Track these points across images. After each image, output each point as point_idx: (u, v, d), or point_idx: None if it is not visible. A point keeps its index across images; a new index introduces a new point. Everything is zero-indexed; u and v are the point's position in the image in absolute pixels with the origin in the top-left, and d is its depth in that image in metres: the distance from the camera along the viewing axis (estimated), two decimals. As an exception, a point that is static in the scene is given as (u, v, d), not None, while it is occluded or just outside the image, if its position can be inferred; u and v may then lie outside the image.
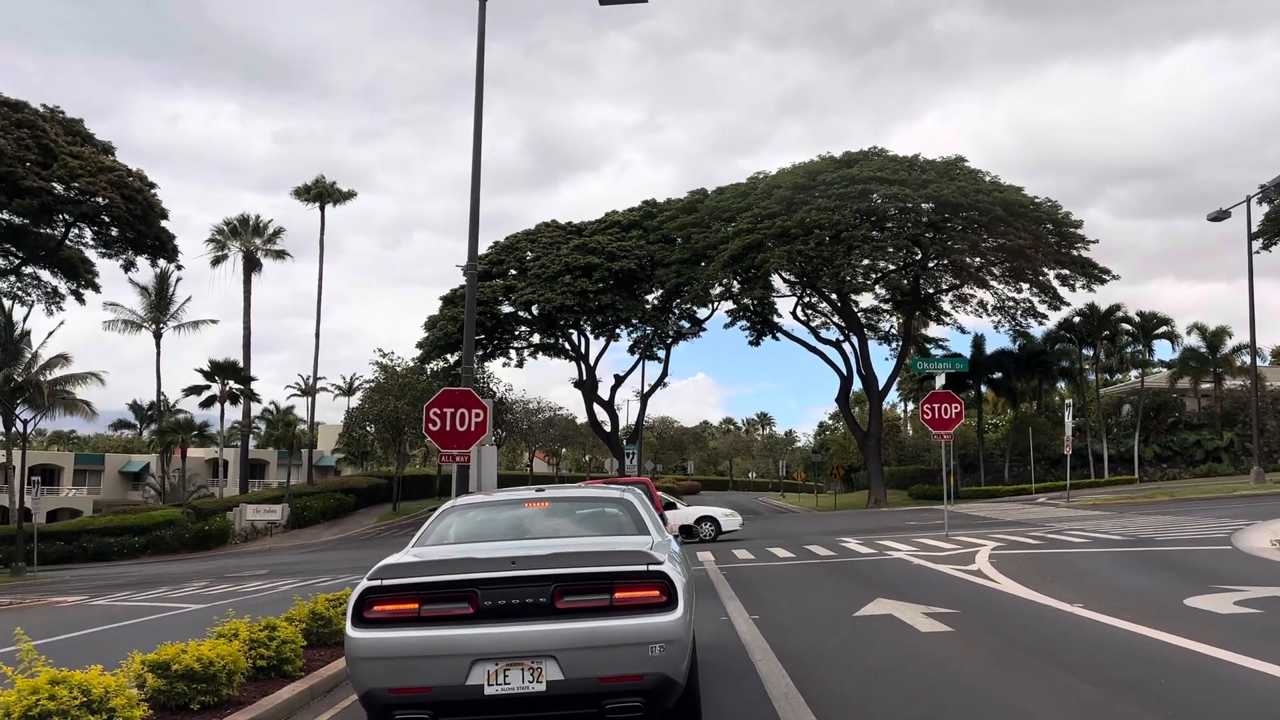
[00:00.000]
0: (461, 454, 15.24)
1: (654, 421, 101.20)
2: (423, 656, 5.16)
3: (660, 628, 5.22)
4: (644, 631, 5.19)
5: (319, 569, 29.06)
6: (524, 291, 53.28)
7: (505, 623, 5.18)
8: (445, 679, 5.15)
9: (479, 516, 7.12)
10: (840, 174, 49.28)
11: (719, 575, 16.53)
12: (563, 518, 7.10)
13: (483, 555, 5.69)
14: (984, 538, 21.67)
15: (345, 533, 50.65)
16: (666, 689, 5.29)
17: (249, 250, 58.66)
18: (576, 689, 5.16)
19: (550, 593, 5.22)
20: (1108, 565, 15.51)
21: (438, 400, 15.21)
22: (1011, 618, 10.56)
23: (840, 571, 16.75)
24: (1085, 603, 11.01)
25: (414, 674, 5.16)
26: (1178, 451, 51.70)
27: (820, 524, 35.14)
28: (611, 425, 63.14)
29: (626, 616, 5.22)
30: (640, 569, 5.39)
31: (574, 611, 5.21)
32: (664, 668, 5.21)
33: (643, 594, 5.30)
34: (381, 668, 5.19)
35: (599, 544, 6.14)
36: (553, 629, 5.17)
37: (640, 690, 5.21)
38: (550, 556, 5.57)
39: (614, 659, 5.16)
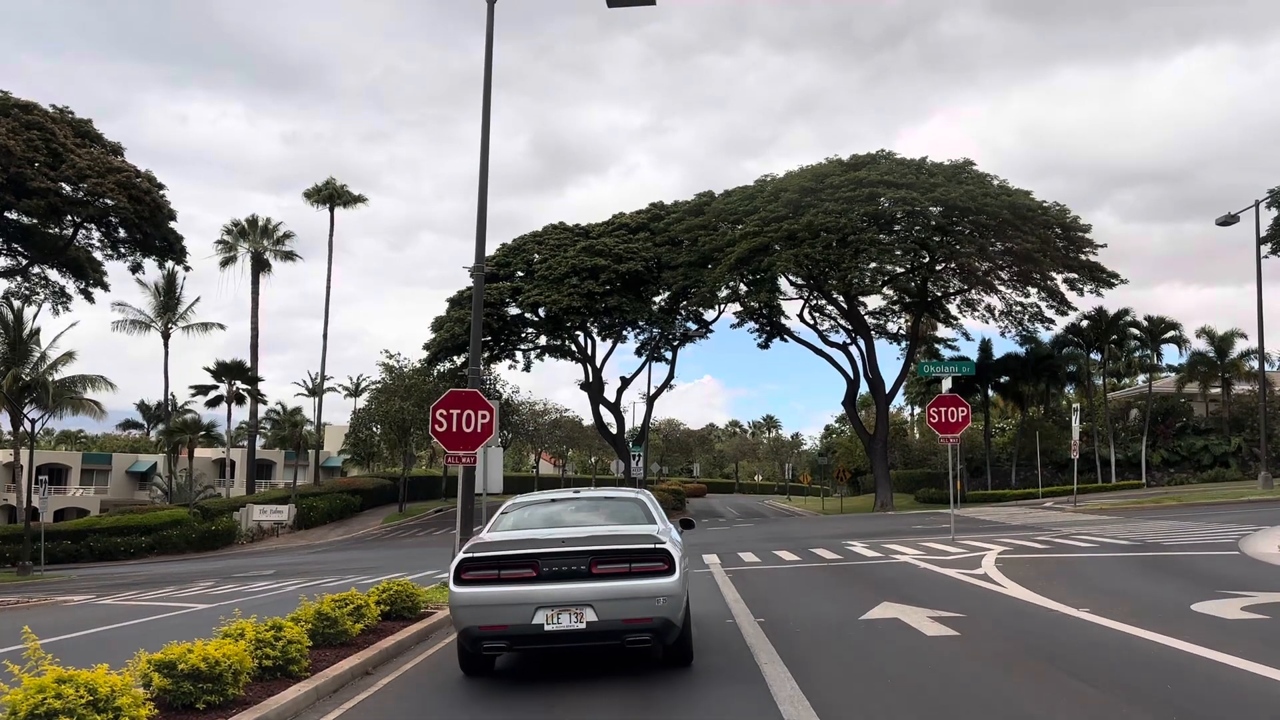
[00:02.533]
0: (468, 455, 15.26)
1: (660, 423, 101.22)
2: (501, 605, 7.58)
3: (663, 586, 7.60)
4: (652, 589, 7.56)
5: (325, 570, 29.11)
6: (530, 293, 53.33)
7: (557, 582, 7.57)
8: (516, 620, 7.56)
9: (535, 510, 9.68)
10: (848, 177, 49.22)
11: (724, 578, 16.51)
12: (594, 511, 9.56)
13: (541, 537, 8.18)
14: (991, 542, 21.61)
15: (351, 534, 50.70)
16: (668, 629, 7.74)
17: (258, 251, 58.84)
18: (606, 628, 7.57)
19: (588, 562, 7.61)
20: (1114, 570, 15.46)
21: (444, 401, 15.22)
22: (1018, 622, 10.53)
23: (846, 575, 16.72)
24: (1092, 608, 10.98)
25: (495, 616, 7.61)
26: (1185, 456, 51.50)
27: (826, 527, 35.09)
28: (618, 427, 63.16)
29: (640, 579, 7.58)
30: (649, 547, 7.75)
31: (605, 575, 7.57)
32: (666, 613, 7.63)
33: (651, 564, 7.65)
34: (474, 612, 7.65)
35: (621, 530, 8.50)
36: (590, 587, 7.55)
37: (650, 629, 7.64)
38: (588, 538, 8.00)
39: (632, 607, 7.55)
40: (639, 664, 8.66)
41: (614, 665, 8.68)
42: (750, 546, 24.91)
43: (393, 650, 9.85)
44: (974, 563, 17.11)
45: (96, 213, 39.84)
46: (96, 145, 40.23)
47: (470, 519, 16.73)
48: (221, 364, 55.53)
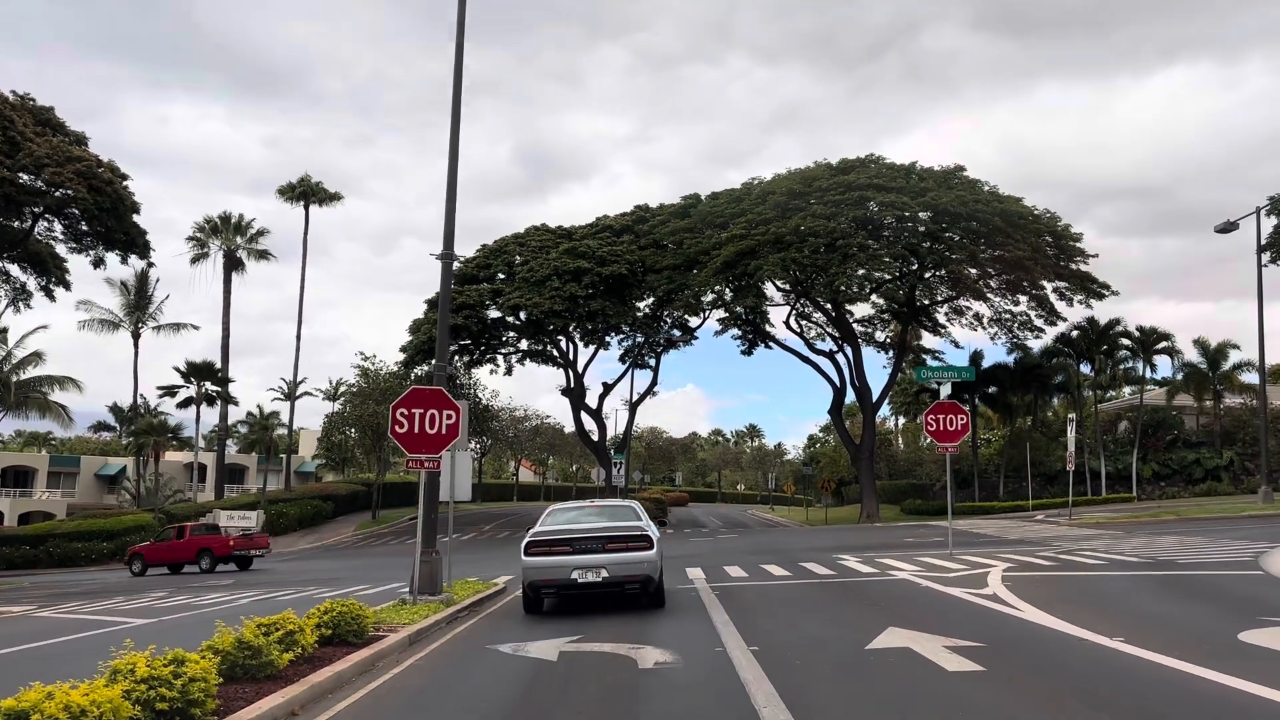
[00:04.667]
0: (431, 459, 13.90)
1: (642, 431, 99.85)
2: (551, 568, 13.21)
3: (647, 555, 13.28)
4: (641, 557, 13.21)
5: (287, 580, 27.60)
6: (511, 295, 51.91)
7: (585, 555, 13.14)
8: (560, 577, 13.18)
9: (569, 513, 15.31)
10: (836, 180, 48.14)
11: (711, 596, 15.19)
12: (604, 514, 14.89)
13: (574, 529, 13.72)
14: (991, 557, 20.39)
15: (322, 541, 49.07)
16: (649, 581, 13.42)
17: (230, 249, 57.16)
18: (614, 579, 13.15)
19: (603, 543, 13.26)
20: (1133, 590, 14.24)
21: (405, 400, 13.87)
22: (1048, 653, 9.26)
23: (843, 593, 15.43)
24: (1126, 636, 9.73)
25: (548, 574, 13.25)
26: (1176, 470, 50.60)
27: (813, 539, 33.83)
28: (599, 434, 61.75)
29: (634, 551, 13.21)
30: (639, 534, 13.49)
31: (613, 549, 13.18)
32: (649, 571, 13.32)
33: (640, 543, 13.35)
34: (536, 572, 13.32)
35: (622, 523, 13.89)
36: (604, 557, 13.14)
37: (639, 580, 13.32)
38: (602, 528, 13.64)
39: (629, 568, 13.14)
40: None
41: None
42: (736, 559, 23.60)
43: (328, 685, 8.46)
44: (979, 581, 15.87)
45: (55, 203, 38.12)
46: (59, 134, 38.57)
47: (433, 529, 15.36)
48: (191, 364, 53.79)
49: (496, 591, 17.64)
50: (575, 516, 14.97)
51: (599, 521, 14.27)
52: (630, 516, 14.53)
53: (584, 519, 14.67)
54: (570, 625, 12.55)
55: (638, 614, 13.28)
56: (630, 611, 13.55)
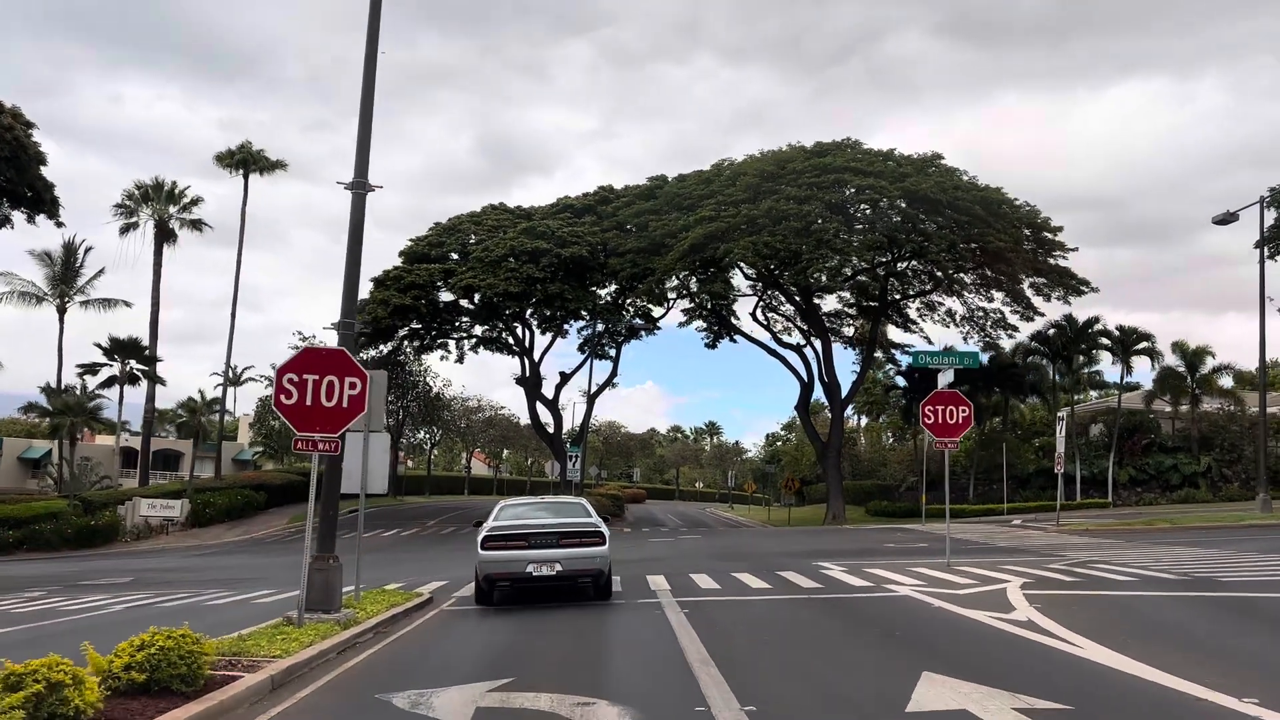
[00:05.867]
0: (327, 440, 10.84)
1: (600, 425, 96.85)
2: (507, 561, 13.76)
3: (600, 551, 13.99)
4: (594, 553, 13.92)
5: (192, 579, 24.33)
6: (464, 276, 48.63)
7: (540, 549, 13.72)
8: (516, 570, 13.76)
9: (520, 509, 15.71)
10: (812, 163, 45.55)
11: (679, 617, 12.32)
12: (555, 510, 15.67)
13: (530, 524, 14.34)
14: (995, 569, 17.79)
15: (250, 534, 45.48)
16: (600, 575, 14.18)
17: (162, 218, 53.12)
18: (568, 574, 13.83)
19: (558, 538, 13.90)
20: (1197, 617, 11.64)
21: (295, 362, 10.82)
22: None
23: (842, 615, 12.67)
24: (1260, 698, 7.03)
25: (504, 567, 13.82)
26: (1153, 475, 48.75)
27: (783, 542, 31.16)
28: (555, 426, 58.66)
29: (587, 546, 13.91)
30: (593, 530, 14.24)
31: (567, 544, 13.83)
32: (601, 566, 14.08)
33: (593, 539, 14.06)
34: (492, 566, 13.86)
35: (576, 519, 14.67)
36: (559, 552, 13.74)
37: (591, 575, 14.07)
38: (557, 524, 14.33)
39: (582, 562, 13.82)
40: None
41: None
42: (703, 565, 20.79)
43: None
44: (999, 600, 13.21)
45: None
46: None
47: (332, 529, 12.31)
48: (115, 340, 49.82)
49: (420, 604, 14.65)
50: (526, 512, 15.38)
51: (553, 517, 14.83)
52: (582, 513, 15.12)
53: (536, 514, 15.13)
54: (501, 657, 9.70)
55: (589, 644, 10.82)
56: (580, 639, 11.20)
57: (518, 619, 13.15)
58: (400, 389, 62.88)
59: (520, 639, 11.34)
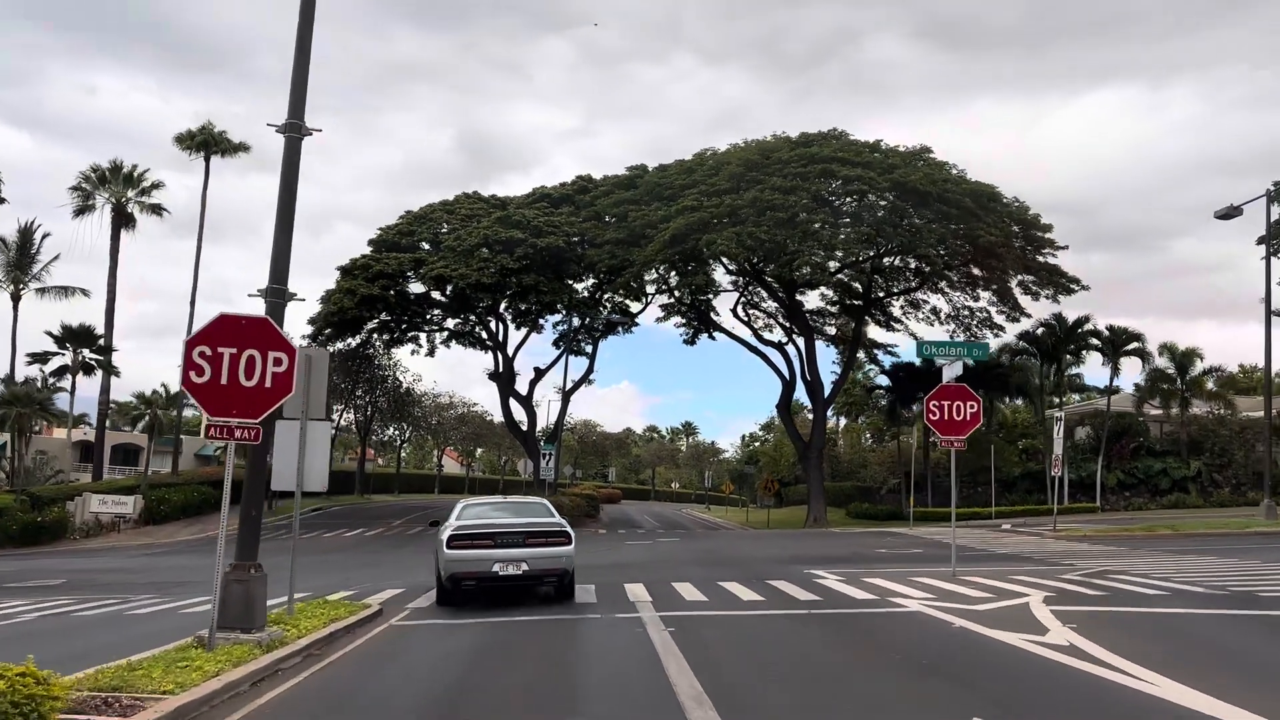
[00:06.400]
0: (245, 427, 9.05)
1: (575, 424, 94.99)
2: (473, 560, 13.61)
3: (566, 550, 13.94)
4: (560, 552, 13.86)
5: (129, 582, 22.38)
6: (435, 265, 46.67)
7: (506, 549, 13.64)
8: (482, 570, 13.59)
9: (482, 508, 15.71)
10: (798, 153, 44.01)
11: (664, 637, 10.61)
12: (518, 509, 15.76)
13: (496, 523, 14.33)
14: (1005, 579, 16.23)
15: (206, 532, 43.27)
16: (565, 574, 14.11)
17: (119, 201, 50.78)
18: (535, 573, 13.74)
19: (524, 538, 13.83)
20: (1262, 642, 10.10)
21: (208, 332, 9.01)
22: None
23: (852, 636, 11.03)
24: None
25: (470, 566, 13.64)
26: (1142, 479, 47.59)
27: (767, 546, 29.55)
28: (529, 424, 56.78)
29: (554, 546, 13.85)
30: (560, 529, 14.25)
31: (533, 544, 13.76)
32: (567, 565, 14.01)
33: (560, 539, 14.03)
34: (457, 565, 13.65)
35: (542, 519, 14.79)
36: (525, 551, 13.66)
37: (557, 574, 14.03)
38: (524, 523, 14.34)
39: (548, 562, 13.76)
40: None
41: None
42: (686, 572, 19.11)
43: None
44: (1025, 617, 11.63)
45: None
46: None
47: (255, 531, 10.51)
48: (67, 328, 47.44)
49: (367, 617, 12.87)
50: (489, 511, 15.43)
51: (516, 517, 14.94)
52: (545, 513, 15.35)
53: (499, 514, 15.19)
54: (451, 690, 7.99)
55: (557, 674, 9.27)
56: (546, 666, 9.62)
57: (476, 635, 11.43)
58: (369, 384, 60.79)
59: (476, 665, 9.61)
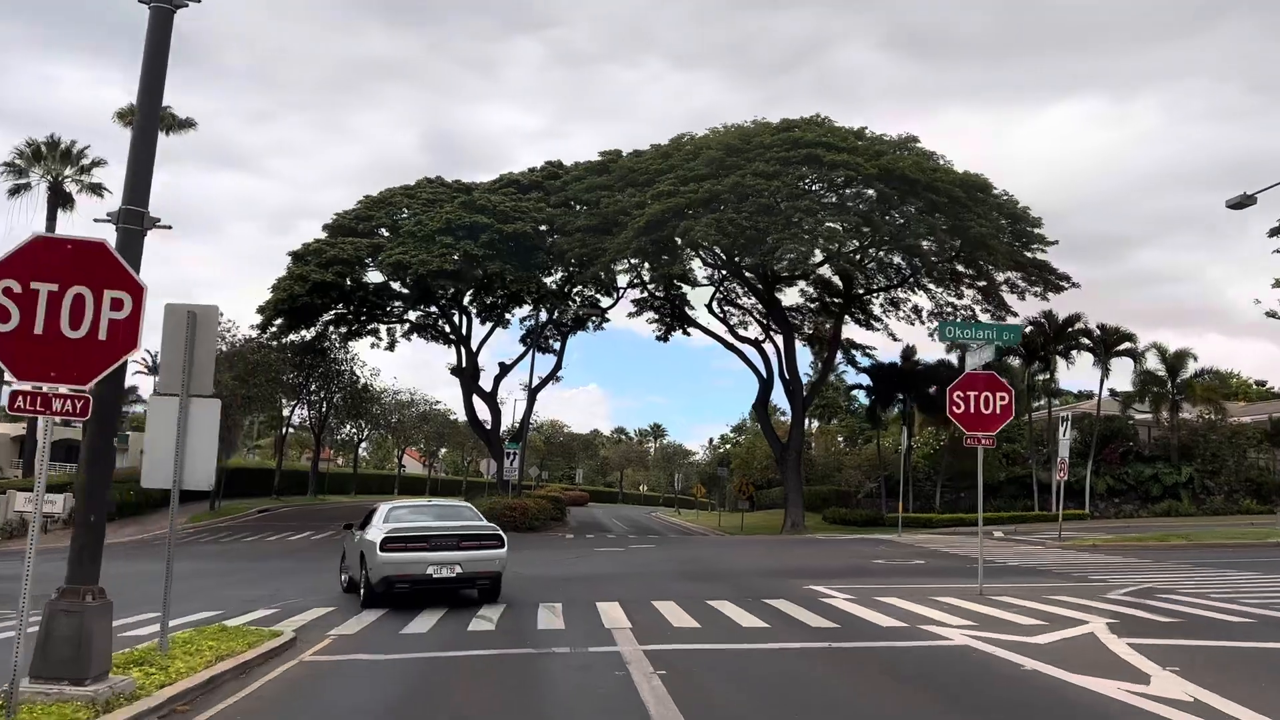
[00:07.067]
0: (72, 395, 6.33)
1: (542, 424, 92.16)
2: (408, 563, 13.57)
3: (499, 553, 14.25)
4: (493, 555, 14.16)
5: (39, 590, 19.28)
6: (393, 251, 43.73)
7: (441, 551, 13.77)
8: (416, 572, 13.60)
9: (408, 512, 15.50)
10: (781, 137, 41.62)
11: (660, 697, 8.00)
12: (444, 514, 15.64)
13: (431, 526, 14.44)
14: (1045, 600, 13.86)
15: (144, 533, 40.09)
16: (498, 576, 14.38)
17: (56, 179, 47.36)
18: (467, 575, 13.92)
19: (458, 541, 14.02)
20: None
21: (17, 260, 6.28)
22: None
23: (893, 681, 8.49)
24: None
25: (404, 569, 13.56)
26: (1132, 485, 45.79)
27: (751, 555, 27.06)
28: (493, 422, 53.86)
29: (488, 549, 14.16)
30: (493, 533, 14.62)
31: (467, 547, 13.97)
32: (500, 568, 14.32)
33: (493, 542, 14.32)
34: (392, 568, 13.53)
35: (474, 523, 15.10)
36: (460, 554, 13.85)
37: (490, 576, 14.22)
38: (458, 526, 14.61)
39: (482, 564, 14.01)
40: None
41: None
42: (668, 588, 16.54)
43: None
44: (1101, 654, 9.21)
45: None
46: None
47: (97, 541, 7.75)
48: None
49: (274, 649, 10.15)
50: (414, 514, 15.40)
51: (444, 520, 15.05)
52: (471, 516, 15.66)
53: (424, 518, 15.20)
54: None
55: None
56: None
57: (408, 678, 8.79)
58: (324, 378, 57.60)
59: None
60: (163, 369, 8.81)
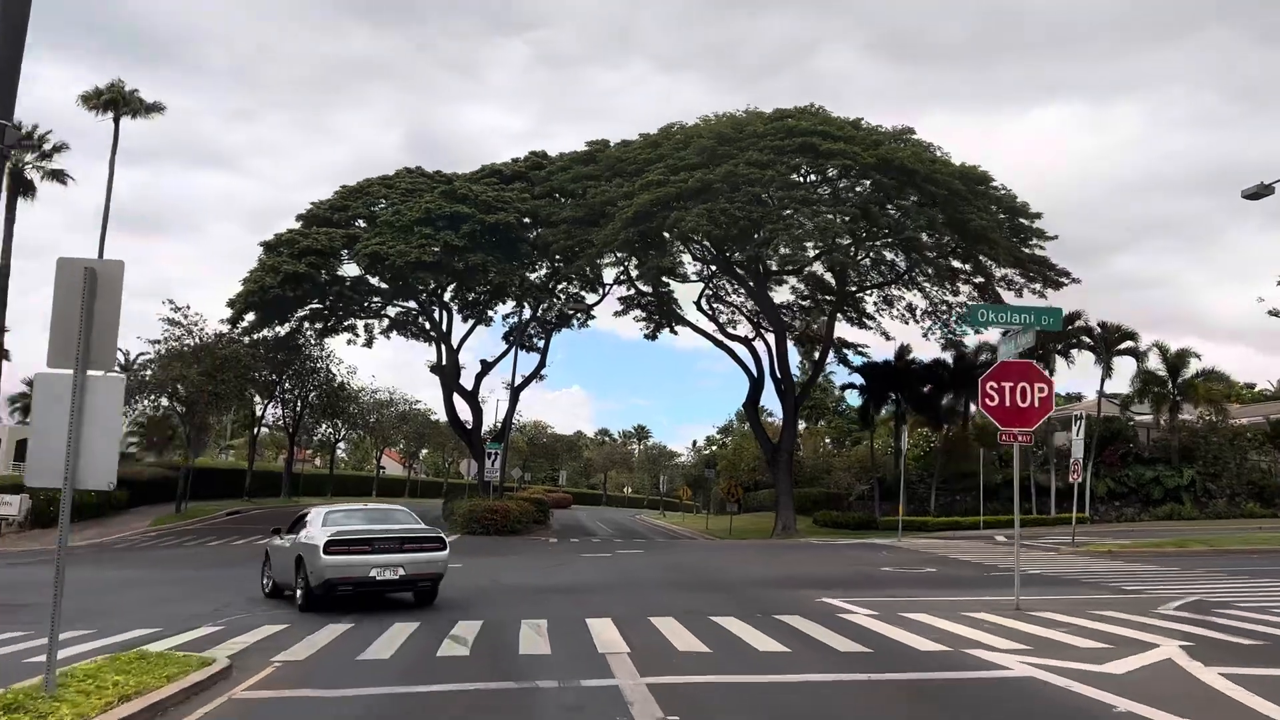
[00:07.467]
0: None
1: (525, 424, 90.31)
2: (351, 566, 13.67)
3: (441, 556, 14.48)
4: (435, 557, 14.37)
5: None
6: (370, 241, 41.87)
7: (384, 554, 13.91)
8: (360, 575, 13.71)
9: (347, 514, 15.70)
10: (775, 125, 40.10)
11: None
12: (383, 517, 15.82)
13: (374, 529, 14.53)
14: (1093, 616, 12.27)
15: (104, 537, 38.05)
16: (439, 578, 14.60)
17: (16, 166, 45.21)
18: (410, 577, 14.12)
19: (401, 543, 14.20)
20: None
21: None
22: None
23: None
24: None
25: (348, 572, 13.66)
26: (1133, 488, 44.47)
27: (746, 561, 25.41)
28: (474, 422, 51.96)
29: (430, 552, 14.37)
30: (436, 536, 14.83)
31: (410, 550, 14.18)
32: (441, 570, 14.50)
33: (435, 544, 14.54)
34: (335, 570, 13.61)
35: (416, 526, 15.24)
36: (402, 556, 14.04)
37: (432, 578, 14.48)
38: (401, 529, 14.78)
39: (425, 566, 14.21)
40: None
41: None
42: (663, 599, 14.86)
43: None
44: (1202, 691, 7.65)
45: None
46: None
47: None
48: (-53, 306, 41.78)
49: (201, 681, 8.38)
50: (352, 517, 15.48)
51: (383, 524, 15.20)
52: (411, 519, 15.73)
53: (363, 521, 15.30)
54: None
55: None
56: None
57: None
58: (298, 376, 55.57)
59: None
60: (53, 337, 7.06)
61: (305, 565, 14.02)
